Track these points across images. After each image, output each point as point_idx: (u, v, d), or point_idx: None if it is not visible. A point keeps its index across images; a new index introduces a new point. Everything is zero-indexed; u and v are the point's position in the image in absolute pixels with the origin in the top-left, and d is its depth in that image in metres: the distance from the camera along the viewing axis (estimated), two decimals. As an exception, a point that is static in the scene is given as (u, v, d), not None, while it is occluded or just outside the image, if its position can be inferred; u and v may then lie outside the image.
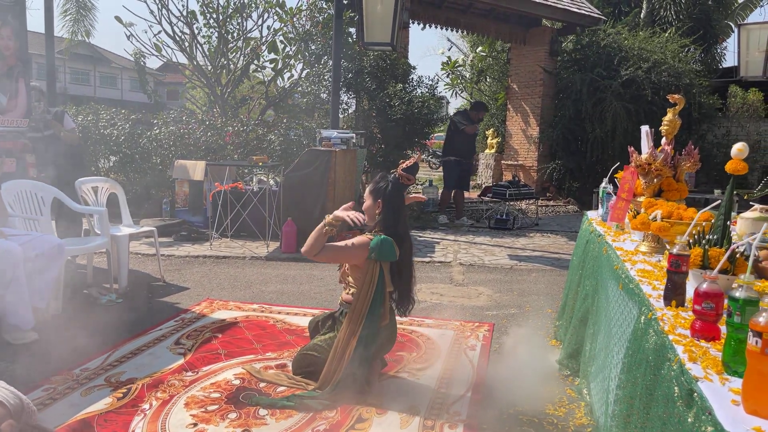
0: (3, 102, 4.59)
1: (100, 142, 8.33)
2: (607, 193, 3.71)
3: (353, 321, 2.84)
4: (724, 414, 1.13)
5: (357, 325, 2.83)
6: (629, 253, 2.59)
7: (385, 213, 2.92)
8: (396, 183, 2.96)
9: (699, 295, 1.50)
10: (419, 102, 8.76)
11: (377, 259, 2.82)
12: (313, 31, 9.33)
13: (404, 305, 3.01)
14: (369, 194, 2.99)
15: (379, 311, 2.86)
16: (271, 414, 2.68)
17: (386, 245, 2.82)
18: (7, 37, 4.58)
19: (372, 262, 2.83)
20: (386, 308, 2.91)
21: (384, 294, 2.86)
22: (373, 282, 2.82)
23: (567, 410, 2.83)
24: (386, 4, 6.49)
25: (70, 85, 35.34)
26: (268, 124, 8.64)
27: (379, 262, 2.83)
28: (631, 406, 1.69)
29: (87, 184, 4.85)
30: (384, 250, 2.82)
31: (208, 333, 3.73)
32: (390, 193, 2.93)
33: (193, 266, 5.62)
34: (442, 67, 15.44)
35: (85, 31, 15.93)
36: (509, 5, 10.14)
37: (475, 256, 6.38)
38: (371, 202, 2.97)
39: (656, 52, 10.94)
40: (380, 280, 2.83)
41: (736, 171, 1.98)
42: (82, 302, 4.30)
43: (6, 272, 3.40)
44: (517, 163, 11.95)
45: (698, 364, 1.35)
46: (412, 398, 2.89)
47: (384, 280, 2.85)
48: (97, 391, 2.87)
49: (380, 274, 2.83)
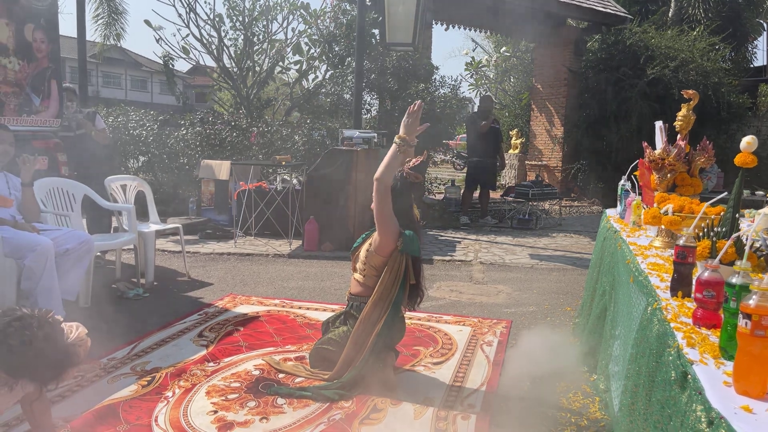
0: (36, 102, 4.77)
1: (129, 143, 8.55)
2: (625, 190, 3.71)
3: (377, 309, 2.88)
4: (714, 394, 1.16)
5: (381, 313, 2.87)
6: (642, 247, 2.61)
7: (396, 210, 2.97)
8: (404, 181, 3.02)
9: (700, 284, 1.52)
10: (442, 102, 8.78)
11: (402, 251, 2.89)
12: (337, 33, 9.43)
13: (415, 298, 3.06)
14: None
15: (401, 302, 2.93)
16: (289, 403, 2.75)
17: (414, 240, 2.91)
18: (40, 39, 4.75)
19: (398, 253, 2.89)
20: (406, 300, 2.98)
21: (406, 286, 2.93)
22: (400, 272, 2.89)
23: (582, 405, 2.85)
24: (408, 4, 6.55)
25: (102, 88, 36.19)
26: (293, 125, 8.76)
27: (404, 254, 2.89)
28: (635, 394, 1.72)
29: (116, 182, 5.01)
30: (412, 243, 2.90)
31: (230, 326, 3.83)
32: (398, 191, 2.99)
33: (218, 263, 5.74)
34: (466, 67, 15.46)
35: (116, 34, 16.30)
36: (534, 4, 10.11)
37: (496, 255, 6.39)
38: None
39: (684, 50, 10.78)
40: (405, 273, 2.90)
41: (745, 164, 1.98)
42: (110, 296, 4.45)
43: (38, 266, 3.54)
44: (541, 163, 11.89)
45: (696, 349, 1.38)
46: (427, 391, 2.93)
47: (408, 273, 2.91)
48: (123, 379, 2.98)
49: (405, 266, 2.90)
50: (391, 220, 2.88)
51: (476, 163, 8.32)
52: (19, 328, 1.87)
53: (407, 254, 2.90)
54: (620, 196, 3.74)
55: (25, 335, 1.87)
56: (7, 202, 3.76)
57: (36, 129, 4.81)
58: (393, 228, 2.88)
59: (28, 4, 4.63)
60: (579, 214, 10.20)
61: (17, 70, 4.57)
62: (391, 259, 2.91)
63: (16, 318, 1.90)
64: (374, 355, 2.86)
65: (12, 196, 3.83)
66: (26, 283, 3.56)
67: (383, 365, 2.94)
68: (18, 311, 1.96)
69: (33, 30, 4.69)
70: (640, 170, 2.79)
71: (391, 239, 2.89)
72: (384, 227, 2.89)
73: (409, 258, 2.92)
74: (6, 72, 4.49)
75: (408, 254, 2.90)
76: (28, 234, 3.64)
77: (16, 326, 1.87)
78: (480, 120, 8.24)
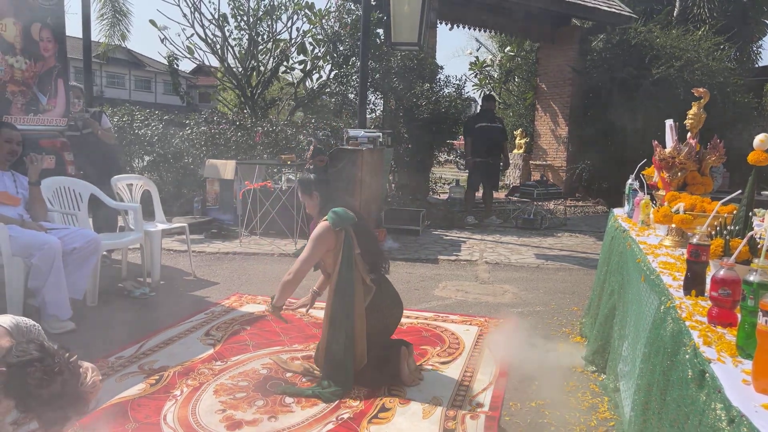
0: (43, 101, 4.78)
1: (134, 142, 8.56)
2: (633, 189, 3.69)
3: (333, 293, 2.92)
4: (734, 392, 1.15)
5: (340, 296, 2.89)
6: (653, 246, 2.59)
7: (323, 196, 3.09)
8: (315, 170, 3.09)
9: (716, 282, 1.51)
10: (446, 102, 8.77)
11: (342, 228, 2.92)
12: (342, 33, 9.44)
13: (378, 263, 3.05)
14: (303, 195, 3.17)
15: (351, 275, 2.90)
16: (297, 402, 2.75)
17: (339, 212, 2.94)
18: (47, 39, 4.76)
19: (339, 233, 2.92)
20: (359, 270, 2.93)
21: (352, 257, 2.92)
22: (339, 247, 2.91)
23: (590, 405, 2.84)
24: (413, 4, 6.54)
25: (106, 88, 36.28)
26: (297, 125, 8.77)
27: (343, 230, 2.92)
28: (649, 393, 1.71)
29: (122, 182, 5.01)
30: (341, 216, 2.93)
31: (236, 325, 3.83)
32: (316, 180, 3.15)
33: (223, 262, 5.75)
34: (470, 67, 15.43)
35: (120, 34, 16.31)
36: (538, 4, 10.08)
37: (501, 255, 6.38)
38: (309, 200, 3.15)
39: (689, 50, 10.73)
40: (345, 245, 2.91)
41: (758, 162, 1.97)
42: (116, 295, 4.46)
43: (45, 264, 3.55)
44: (546, 163, 11.86)
45: (712, 347, 1.37)
46: (435, 390, 2.93)
47: (350, 244, 2.92)
48: (131, 378, 2.98)
49: (346, 240, 2.91)
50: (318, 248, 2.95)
51: (479, 163, 8.30)
52: (40, 370, 1.84)
53: (346, 228, 2.92)
54: (628, 195, 3.72)
55: (44, 380, 1.84)
56: (14, 201, 3.77)
57: (43, 128, 4.81)
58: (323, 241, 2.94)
59: (35, 3, 4.63)
60: (584, 213, 10.18)
61: (24, 69, 4.58)
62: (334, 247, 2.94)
63: (39, 359, 1.87)
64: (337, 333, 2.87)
65: (19, 194, 3.84)
66: (34, 282, 3.57)
67: (386, 361, 2.93)
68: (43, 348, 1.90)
69: (40, 29, 4.69)
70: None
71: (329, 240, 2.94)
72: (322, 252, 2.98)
73: (350, 230, 2.93)
74: (13, 71, 4.49)
75: (346, 228, 2.92)
76: (35, 233, 3.65)
77: (38, 367, 1.84)
78: (478, 121, 8.21)
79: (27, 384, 1.82)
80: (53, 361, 1.87)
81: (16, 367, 1.82)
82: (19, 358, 1.84)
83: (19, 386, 1.82)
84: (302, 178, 3.25)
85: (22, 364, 1.83)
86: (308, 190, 3.13)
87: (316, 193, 3.11)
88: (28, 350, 1.87)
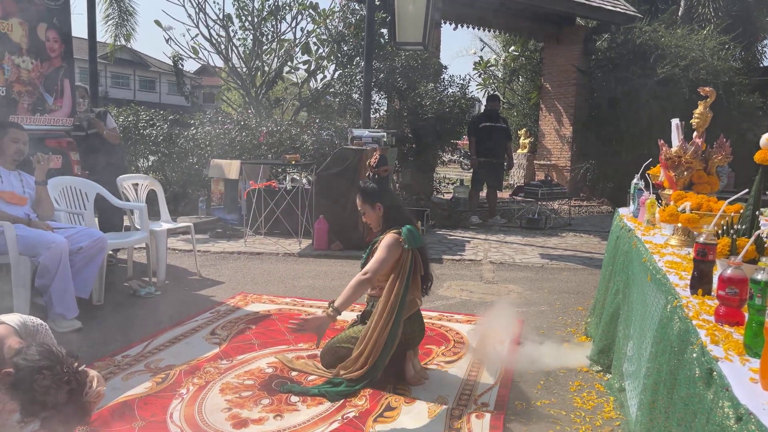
0: (49, 101, 4.80)
1: (139, 142, 8.59)
2: (638, 189, 3.69)
3: (389, 309, 2.87)
4: (741, 390, 1.15)
5: (392, 313, 2.86)
6: (659, 246, 2.59)
7: (388, 209, 3.02)
8: (378, 180, 3.04)
9: (723, 281, 1.51)
10: (450, 101, 8.77)
11: (410, 247, 2.90)
12: (346, 33, 9.45)
13: (427, 283, 3.08)
14: (363, 205, 3.08)
15: (407, 295, 2.91)
16: (303, 401, 2.75)
17: (414, 232, 2.92)
18: (53, 39, 4.78)
19: (406, 252, 2.90)
20: (418, 293, 3.00)
21: (416, 278, 2.94)
22: (404, 270, 2.89)
23: (595, 404, 2.83)
24: (418, 3, 6.54)
25: (111, 88, 36.36)
26: (301, 125, 8.78)
27: (411, 250, 2.90)
28: (656, 392, 1.71)
29: (128, 181, 5.03)
30: (414, 237, 2.91)
31: (242, 324, 3.84)
32: (380, 191, 3.06)
33: (228, 262, 5.76)
34: (475, 67, 15.42)
35: (126, 34, 16.36)
36: (542, 4, 10.07)
37: (505, 255, 6.38)
38: (370, 210, 3.06)
39: (694, 49, 10.71)
40: (410, 267, 2.90)
41: (764, 161, 1.97)
42: (122, 294, 4.48)
43: (52, 263, 3.57)
44: (550, 162, 11.84)
45: (720, 346, 1.37)
46: (440, 389, 2.93)
47: (414, 266, 2.92)
48: (137, 376, 2.99)
49: (411, 261, 2.90)
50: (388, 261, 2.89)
51: (483, 163, 8.30)
52: (48, 378, 1.83)
53: (412, 248, 2.91)
54: (633, 194, 3.72)
55: (51, 388, 1.84)
56: (21, 201, 3.78)
57: (49, 128, 4.83)
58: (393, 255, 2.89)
59: (42, 4, 4.66)
60: (588, 213, 10.16)
61: (30, 70, 4.60)
62: (397, 264, 2.92)
63: (49, 367, 1.87)
64: (388, 352, 2.86)
65: (26, 194, 3.85)
66: (40, 281, 3.59)
67: (392, 361, 2.93)
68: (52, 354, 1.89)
69: (46, 29, 4.71)
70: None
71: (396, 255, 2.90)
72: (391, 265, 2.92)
73: (416, 251, 2.93)
74: (19, 71, 4.52)
75: (413, 248, 2.92)
76: (42, 232, 3.67)
77: (46, 375, 1.84)
78: (482, 121, 8.22)
79: (33, 390, 1.81)
80: (62, 370, 1.86)
81: (24, 371, 1.83)
82: (28, 362, 1.84)
83: (25, 391, 1.82)
84: (366, 188, 3.08)
85: (30, 370, 1.83)
86: (372, 201, 3.04)
87: (380, 205, 3.02)
88: (37, 355, 1.87)
